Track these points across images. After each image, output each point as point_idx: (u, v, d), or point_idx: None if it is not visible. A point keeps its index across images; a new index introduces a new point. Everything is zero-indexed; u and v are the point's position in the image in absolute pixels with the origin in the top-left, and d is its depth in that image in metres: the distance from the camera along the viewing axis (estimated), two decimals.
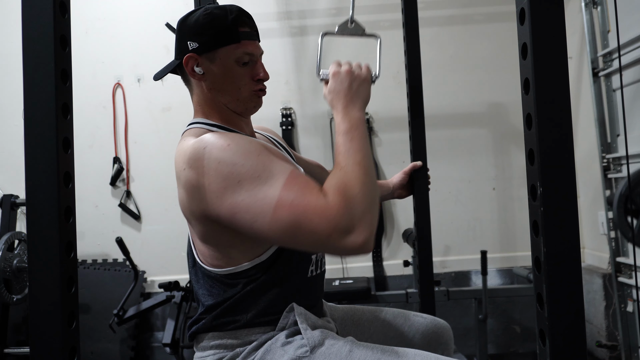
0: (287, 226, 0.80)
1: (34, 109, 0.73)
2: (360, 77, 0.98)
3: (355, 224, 0.78)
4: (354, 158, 0.85)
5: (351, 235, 0.78)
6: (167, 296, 2.25)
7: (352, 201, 0.79)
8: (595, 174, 2.55)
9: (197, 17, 1.01)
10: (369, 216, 0.80)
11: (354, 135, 0.88)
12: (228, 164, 0.84)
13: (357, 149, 0.86)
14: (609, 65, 2.42)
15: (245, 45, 1.01)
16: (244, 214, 0.83)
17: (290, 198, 0.80)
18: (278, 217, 0.80)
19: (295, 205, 0.79)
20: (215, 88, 1.02)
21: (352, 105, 0.94)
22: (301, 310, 0.99)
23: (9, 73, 2.76)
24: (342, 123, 0.91)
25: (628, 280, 2.33)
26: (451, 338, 1.26)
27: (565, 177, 0.65)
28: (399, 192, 1.59)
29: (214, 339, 0.98)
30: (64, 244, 0.74)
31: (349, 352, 0.92)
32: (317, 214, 0.78)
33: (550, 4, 0.65)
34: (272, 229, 0.81)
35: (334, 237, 0.78)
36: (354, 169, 0.84)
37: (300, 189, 0.81)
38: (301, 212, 0.79)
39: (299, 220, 0.79)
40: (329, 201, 0.79)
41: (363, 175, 0.83)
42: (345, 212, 0.78)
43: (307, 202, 0.79)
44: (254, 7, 2.94)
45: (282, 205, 0.80)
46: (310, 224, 0.79)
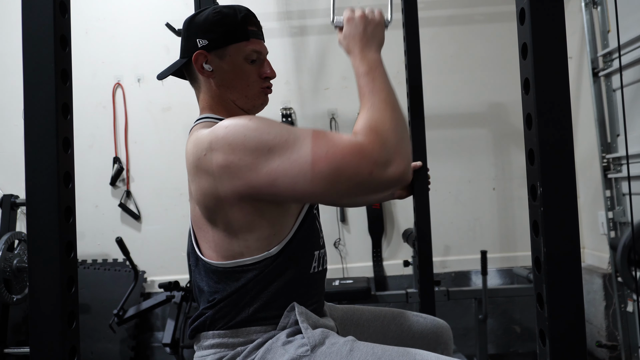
0: (329, 176, 0.81)
1: (34, 109, 0.73)
2: (374, 20, 0.99)
3: (392, 156, 0.81)
4: (378, 96, 0.87)
5: (391, 166, 0.81)
6: (167, 296, 2.25)
7: (385, 135, 0.82)
8: (595, 174, 2.55)
9: (206, 15, 1.04)
10: (403, 147, 0.83)
11: (375, 75, 0.90)
12: (254, 135, 0.85)
13: (381, 88, 0.88)
14: (609, 65, 2.42)
15: (254, 43, 1.04)
16: (283, 178, 0.84)
17: (324, 150, 0.82)
18: (318, 170, 0.81)
19: (331, 154, 0.81)
20: (225, 85, 1.04)
21: (368, 47, 0.96)
22: (302, 310, 0.99)
23: (9, 73, 2.76)
24: (361, 65, 0.93)
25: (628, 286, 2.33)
26: (451, 338, 1.26)
27: (565, 177, 0.65)
28: (399, 192, 1.59)
29: (214, 337, 0.98)
30: (64, 244, 0.74)
31: (350, 351, 0.92)
32: (354, 155, 0.80)
33: (550, 4, 0.65)
34: (315, 184, 0.83)
35: (376, 172, 0.80)
36: (380, 107, 0.85)
37: (329, 139, 0.83)
38: (339, 158, 0.81)
39: (338, 167, 0.81)
40: (363, 140, 0.81)
41: (391, 111, 0.85)
42: (380, 146, 0.81)
43: (341, 147, 0.81)
44: (254, 7, 2.92)
45: (318, 159, 0.81)
46: (350, 167, 0.80)
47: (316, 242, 1.07)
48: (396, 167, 0.81)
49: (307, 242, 1.03)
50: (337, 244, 2.79)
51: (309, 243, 1.04)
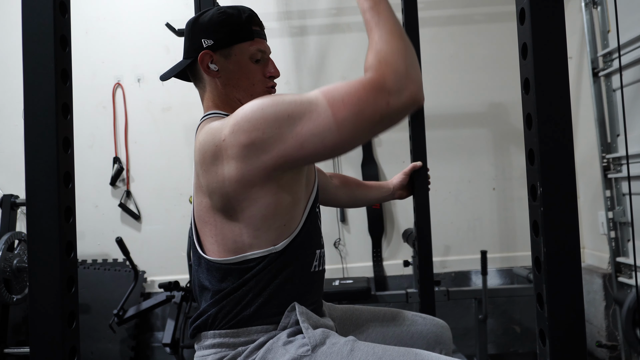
0: (353, 121, 0.83)
1: (34, 109, 0.73)
2: None
3: (405, 82, 0.82)
4: (384, 28, 0.87)
5: (405, 92, 0.82)
6: (167, 296, 2.25)
7: (394, 65, 0.83)
8: (595, 174, 2.55)
9: (210, 16, 1.06)
10: (413, 71, 0.84)
11: (380, 9, 0.89)
12: (271, 108, 0.87)
13: (386, 20, 0.88)
14: (609, 65, 2.42)
15: (258, 43, 1.07)
16: (311, 137, 0.85)
17: (339, 99, 0.83)
18: (341, 120, 0.83)
19: (347, 100, 0.82)
20: (230, 84, 1.06)
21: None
22: (303, 310, 0.99)
23: (9, 73, 2.76)
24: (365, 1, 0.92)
25: (628, 280, 2.33)
26: (450, 338, 1.26)
27: (565, 177, 0.65)
28: (399, 192, 1.59)
29: (215, 337, 0.98)
30: (64, 244, 0.74)
31: (350, 351, 0.92)
32: (369, 92, 0.82)
33: (550, 4, 0.65)
34: (342, 133, 0.84)
35: (393, 102, 0.81)
36: (387, 38, 0.86)
37: (340, 89, 0.84)
38: (356, 101, 0.82)
39: (359, 109, 0.82)
40: (373, 76, 0.82)
41: (398, 40, 0.86)
42: (391, 76, 0.82)
43: (354, 90, 0.83)
44: (254, 7, 2.93)
45: (338, 109, 0.83)
46: (369, 105, 0.82)
47: (317, 241, 1.08)
48: (410, 91, 0.82)
49: (310, 240, 1.04)
50: (337, 244, 2.79)
51: (312, 241, 1.05)
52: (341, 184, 1.49)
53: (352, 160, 2.79)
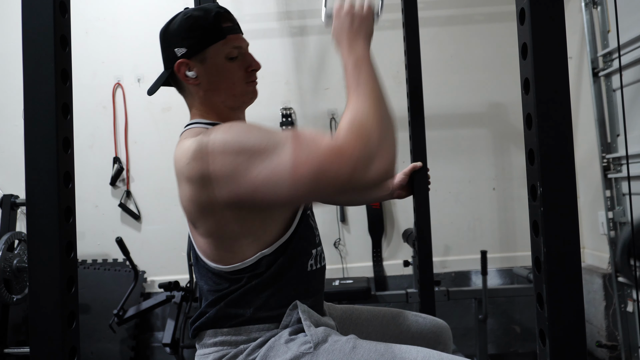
0: (311, 181, 0.80)
1: (34, 109, 0.73)
2: (360, 14, 0.98)
3: (375, 153, 0.79)
4: (363, 90, 0.86)
5: (373, 164, 0.79)
6: (167, 296, 2.25)
7: (367, 132, 0.80)
8: (595, 174, 2.55)
9: (178, 23, 1.02)
10: (387, 142, 0.81)
11: (361, 69, 0.89)
12: (234, 143, 0.85)
13: (366, 81, 0.87)
14: (609, 65, 2.42)
15: (231, 40, 1.02)
16: (264, 186, 0.83)
17: (304, 154, 0.80)
18: (299, 176, 0.80)
19: (311, 158, 0.80)
20: (211, 88, 1.03)
21: (355, 41, 0.94)
22: (304, 308, 0.99)
23: (9, 73, 2.76)
24: (348, 59, 0.92)
25: (628, 280, 2.33)
26: (450, 338, 1.26)
27: (565, 177, 0.65)
28: (398, 192, 1.59)
29: (216, 335, 0.99)
30: (64, 244, 0.74)
31: (352, 348, 0.92)
32: (334, 157, 0.79)
33: (550, 4, 0.65)
34: (297, 190, 0.81)
35: (357, 173, 0.79)
36: (365, 101, 0.84)
37: (309, 142, 0.82)
38: (319, 162, 0.79)
39: (319, 171, 0.79)
40: (343, 140, 0.80)
41: (375, 105, 0.84)
42: (361, 145, 0.79)
43: (321, 151, 0.80)
44: (254, 7, 2.94)
45: (299, 164, 0.80)
46: (331, 170, 0.79)
47: (312, 240, 1.07)
48: (379, 164, 0.79)
49: (303, 241, 1.03)
50: (337, 244, 2.79)
51: (305, 242, 1.04)
52: None
53: None
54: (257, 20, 2.78)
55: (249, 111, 1.12)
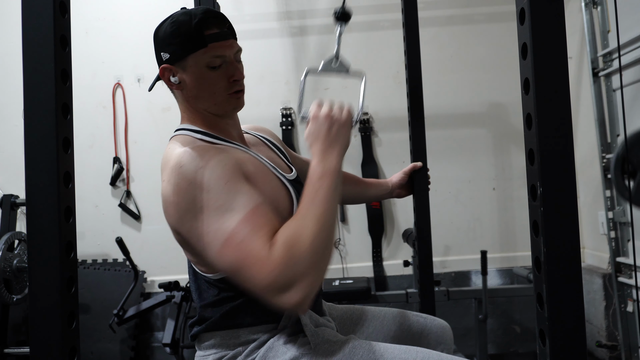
0: (230, 264, 0.82)
1: (34, 109, 0.73)
2: (339, 120, 0.93)
3: (294, 283, 0.76)
4: (314, 211, 0.82)
5: (287, 293, 0.76)
6: (167, 296, 2.25)
7: (297, 258, 0.77)
8: (595, 174, 2.55)
9: (165, 27, 1.01)
10: (311, 276, 0.78)
11: (322, 185, 0.85)
12: (196, 187, 0.85)
13: (321, 202, 0.83)
14: (609, 65, 2.42)
15: (213, 49, 0.98)
16: (197, 240, 0.85)
17: (239, 238, 0.80)
18: (224, 253, 0.81)
19: (241, 248, 0.79)
20: (193, 95, 1.02)
21: (330, 150, 0.90)
22: None
23: (9, 73, 2.76)
24: (317, 168, 0.88)
25: (628, 280, 2.33)
26: (451, 338, 1.26)
27: (565, 177, 0.65)
28: (397, 191, 1.59)
29: (216, 338, 0.99)
30: (64, 244, 0.74)
31: (351, 349, 0.92)
32: (257, 264, 0.77)
33: (550, 4, 0.65)
34: (218, 262, 0.84)
35: (268, 292, 0.78)
36: (309, 223, 0.81)
37: (252, 230, 0.80)
38: (244, 257, 0.79)
39: (240, 264, 0.80)
40: (273, 254, 0.77)
41: (318, 231, 0.80)
42: (285, 269, 0.76)
43: (251, 248, 0.79)
44: (254, 7, 2.94)
45: (229, 244, 0.81)
46: (249, 272, 0.79)
47: None
48: (292, 295, 0.76)
49: None
50: (337, 244, 2.79)
51: None
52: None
53: (352, 160, 2.79)
54: (257, 20, 2.78)
55: (249, 111, 1.11)
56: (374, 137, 2.80)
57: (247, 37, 2.73)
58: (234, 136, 1.07)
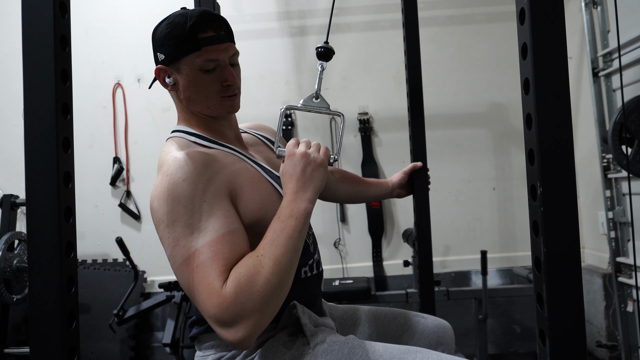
0: (184, 283, 0.83)
1: (34, 109, 0.73)
2: (315, 161, 0.92)
3: (237, 321, 0.77)
4: (273, 252, 0.82)
5: (230, 329, 0.77)
6: (167, 296, 2.25)
7: (247, 298, 0.77)
8: (595, 174, 2.55)
9: (162, 27, 1.00)
10: (256, 317, 0.78)
11: (287, 226, 0.84)
12: (174, 200, 0.85)
13: (282, 244, 0.83)
14: (609, 65, 2.42)
15: (207, 52, 0.97)
16: (165, 247, 0.87)
17: (199, 261, 0.81)
18: (182, 270, 0.83)
19: (197, 271, 0.80)
20: (186, 97, 1.02)
21: (302, 191, 0.89)
22: (303, 309, 0.99)
23: (9, 73, 2.76)
24: (286, 208, 0.87)
25: (628, 280, 2.33)
26: (452, 338, 1.25)
27: (565, 177, 0.65)
28: (397, 191, 1.59)
29: (215, 338, 0.99)
30: (64, 244, 0.74)
31: (351, 349, 0.92)
32: (206, 293, 0.79)
33: (550, 4, 0.65)
34: (176, 276, 0.86)
35: (212, 322, 0.79)
36: (267, 264, 0.80)
37: (213, 257, 0.81)
38: (197, 281, 0.80)
39: (192, 286, 0.81)
40: (224, 289, 0.78)
41: (273, 274, 0.80)
42: (231, 307, 0.77)
43: (206, 275, 0.80)
44: (254, 7, 2.94)
45: (189, 263, 0.82)
46: (198, 297, 0.80)
47: (305, 251, 1.00)
48: (235, 332, 0.77)
49: None
50: (337, 244, 2.79)
51: None
52: (341, 179, 1.48)
53: (352, 160, 2.79)
54: (257, 20, 2.78)
55: (249, 111, 1.11)
56: (374, 137, 2.80)
57: (247, 37, 2.73)
58: (230, 138, 1.07)
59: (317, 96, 1.09)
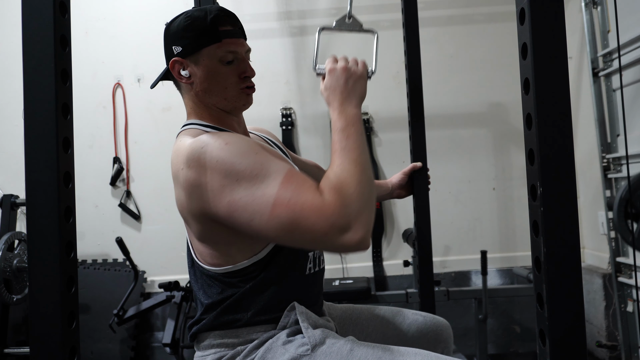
0: (285, 224, 0.80)
1: (34, 109, 0.73)
2: (356, 73, 0.97)
3: (352, 222, 0.78)
4: (349, 156, 0.85)
5: (348, 233, 0.78)
6: (167, 296, 2.25)
7: (348, 199, 0.79)
8: (595, 174, 2.55)
9: (178, 22, 1.02)
10: (365, 214, 0.80)
11: (350, 133, 0.88)
12: (226, 162, 0.85)
13: (353, 147, 0.86)
14: (609, 65, 2.42)
15: (227, 44, 1.01)
16: (241, 212, 0.83)
17: (287, 196, 0.80)
18: (275, 215, 0.80)
19: (292, 203, 0.80)
20: (203, 89, 1.03)
21: (348, 102, 0.94)
22: (302, 309, 0.99)
23: (9, 73, 2.76)
24: (339, 120, 0.91)
25: (628, 280, 2.33)
26: (450, 336, 1.26)
27: (565, 177, 0.65)
28: (398, 192, 1.59)
29: (214, 338, 0.99)
30: (64, 244, 0.74)
31: (350, 350, 0.92)
32: (314, 212, 0.78)
33: (550, 4, 0.65)
34: (270, 227, 0.82)
35: (331, 235, 0.78)
36: (349, 167, 0.83)
37: (297, 187, 0.81)
38: (298, 210, 0.79)
39: (296, 218, 0.79)
40: (326, 200, 0.79)
41: (359, 173, 0.83)
42: (341, 210, 0.78)
43: (304, 200, 0.80)
44: (254, 7, 2.94)
45: (279, 204, 0.80)
46: (307, 222, 0.79)
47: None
48: (353, 234, 0.78)
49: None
50: None
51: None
52: None
53: None
54: (257, 20, 2.78)
55: (249, 111, 1.11)
56: (374, 137, 2.80)
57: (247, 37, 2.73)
58: (240, 133, 1.08)
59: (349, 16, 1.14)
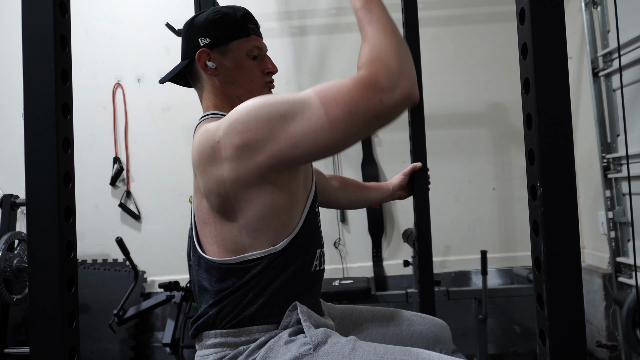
0: (346, 119, 0.82)
1: (34, 109, 0.73)
2: None
3: (398, 79, 0.81)
4: (376, 25, 0.86)
5: (398, 89, 0.81)
6: (167, 296, 2.25)
7: (387, 62, 0.82)
8: (595, 174, 2.55)
9: (206, 15, 1.07)
10: (407, 67, 0.83)
11: (372, 6, 0.88)
12: (263, 108, 0.87)
13: (378, 17, 0.87)
14: (609, 65, 2.42)
15: (254, 39, 1.08)
16: (303, 138, 0.85)
17: (332, 98, 0.82)
18: (334, 119, 0.82)
19: (340, 99, 0.82)
20: (229, 81, 1.06)
21: None
22: (304, 309, 0.99)
23: (9, 73, 2.76)
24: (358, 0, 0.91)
25: (628, 280, 2.33)
26: (450, 338, 1.26)
27: (565, 177, 0.65)
28: (399, 193, 1.59)
29: (216, 337, 0.99)
30: (64, 244, 0.74)
31: (352, 350, 0.92)
32: (362, 90, 0.81)
33: (550, 4, 0.65)
34: (335, 132, 0.83)
35: (386, 99, 0.81)
36: (379, 35, 0.85)
37: (333, 87, 0.84)
38: (349, 99, 0.81)
39: (351, 107, 0.81)
40: (366, 73, 0.82)
41: (390, 37, 0.85)
42: (384, 73, 0.81)
43: (347, 88, 0.82)
44: (254, 7, 2.92)
45: (330, 108, 0.82)
46: (362, 103, 0.81)
47: (318, 240, 1.08)
48: (403, 88, 0.81)
49: (310, 239, 1.04)
50: (337, 244, 2.79)
51: (312, 240, 1.05)
52: (341, 186, 1.49)
53: (352, 161, 2.79)
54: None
55: None
56: (374, 137, 2.80)
57: None
58: None
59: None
